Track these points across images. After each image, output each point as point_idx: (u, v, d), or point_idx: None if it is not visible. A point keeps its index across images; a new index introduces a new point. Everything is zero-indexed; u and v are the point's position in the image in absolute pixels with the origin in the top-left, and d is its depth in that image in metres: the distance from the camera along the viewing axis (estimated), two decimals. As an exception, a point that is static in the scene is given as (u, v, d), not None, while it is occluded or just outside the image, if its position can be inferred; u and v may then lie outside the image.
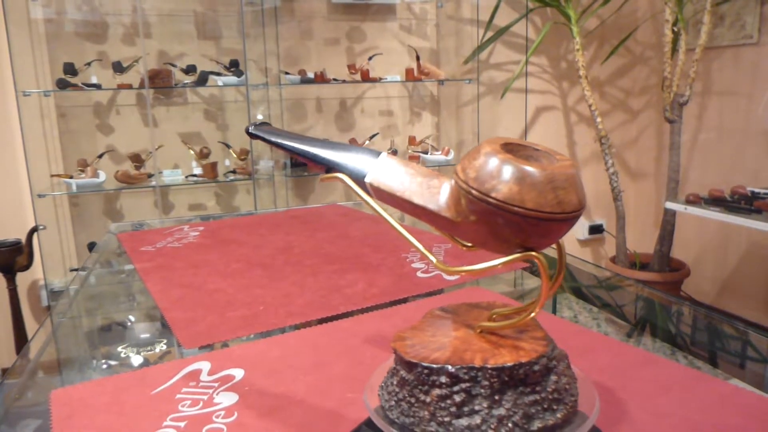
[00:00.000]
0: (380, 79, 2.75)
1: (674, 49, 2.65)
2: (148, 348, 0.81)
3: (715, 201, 2.27)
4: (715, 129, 2.81)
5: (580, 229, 3.27)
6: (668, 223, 2.77)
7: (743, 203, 2.18)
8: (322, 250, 1.16)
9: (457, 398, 0.40)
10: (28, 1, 2.29)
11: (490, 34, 2.81)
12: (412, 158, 2.90)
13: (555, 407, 0.40)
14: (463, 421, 0.39)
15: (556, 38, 3.02)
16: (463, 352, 0.42)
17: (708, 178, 2.85)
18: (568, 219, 0.38)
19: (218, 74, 2.51)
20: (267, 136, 0.53)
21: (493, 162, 0.39)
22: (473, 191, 0.39)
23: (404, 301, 0.90)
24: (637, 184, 3.30)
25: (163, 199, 2.62)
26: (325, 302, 0.89)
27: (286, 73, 2.63)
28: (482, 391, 0.40)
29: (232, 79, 2.51)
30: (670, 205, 2.48)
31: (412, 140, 2.89)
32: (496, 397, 0.40)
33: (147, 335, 0.88)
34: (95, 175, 2.36)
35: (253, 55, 2.57)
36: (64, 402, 0.65)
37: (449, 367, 0.40)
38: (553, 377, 0.40)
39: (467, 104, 2.95)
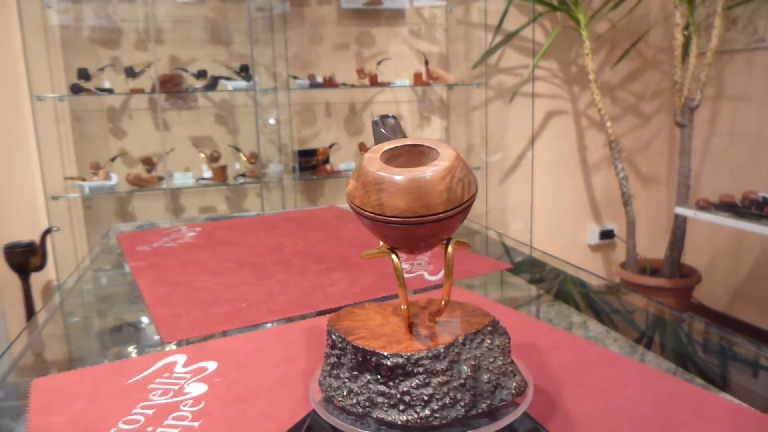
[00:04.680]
0: (389, 83, 2.78)
1: (685, 53, 2.63)
2: (130, 343, 0.84)
3: (726, 206, 2.25)
4: (727, 134, 2.78)
5: (591, 234, 3.25)
6: (679, 229, 2.74)
7: (754, 209, 2.15)
8: (311, 250, 1.18)
9: (332, 360, 0.45)
10: (44, 8, 2.36)
11: (499, 38, 2.81)
12: (420, 162, 2.91)
13: (402, 408, 0.40)
14: (328, 380, 0.45)
15: (566, 42, 3.02)
16: (361, 329, 0.45)
17: (720, 184, 2.82)
18: (391, 223, 0.39)
19: (228, 79, 2.56)
20: (376, 129, 0.53)
21: (361, 159, 0.42)
22: None
23: (385, 300, 0.91)
24: (649, 189, 3.27)
25: (173, 201, 2.67)
26: (306, 300, 0.91)
27: (295, 77, 2.66)
28: (347, 362, 0.43)
29: (242, 83, 2.56)
30: (679, 210, 2.46)
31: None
32: (354, 373, 0.43)
33: (129, 330, 0.91)
34: (107, 177, 2.41)
35: (263, 60, 2.62)
36: (43, 390, 0.68)
37: (333, 333, 0.45)
38: (412, 381, 0.40)
39: (476, 108, 2.96)
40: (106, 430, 0.58)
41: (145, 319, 0.90)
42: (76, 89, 2.34)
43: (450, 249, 0.41)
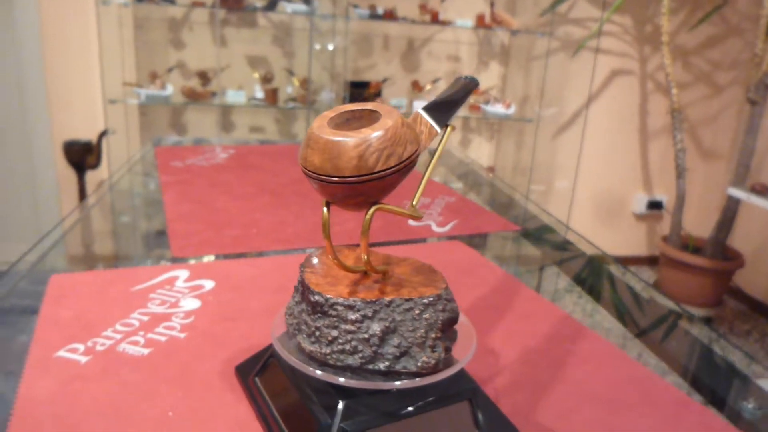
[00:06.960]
0: (450, 22, 2.70)
1: (772, 24, 2.44)
2: (143, 252, 0.90)
3: (783, 193, 2.15)
4: (802, 116, 2.60)
5: (638, 202, 3.17)
6: (730, 210, 2.64)
7: (811, 199, 2.05)
8: (333, 186, 1.22)
9: (295, 284, 0.50)
10: None
11: (572, -14, 2.68)
12: (472, 108, 2.87)
13: (312, 340, 0.45)
14: (290, 300, 0.50)
15: (645, -2, 2.84)
16: (323, 266, 0.50)
17: (784, 168, 2.67)
18: (309, 176, 0.42)
19: (289, 1, 2.55)
20: (452, 84, 0.54)
21: None
22: None
23: (387, 244, 0.94)
24: (707, 165, 3.13)
25: (224, 118, 2.74)
26: (311, 235, 0.95)
27: (356, 6, 2.63)
28: (298, 288, 0.49)
29: (301, 7, 2.54)
30: (732, 191, 2.36)
31: (475, 89, 2.85)
32: (298, 299, 0.48)
33: (146, 240, 0.97)
34: (163, 87, 2.49)
35: (325, -16, 2.58)
36: (59, 286, 0.75)
37: (301, 265, 0.50)
38: (324, 320, 0.44)
39: (537, 58, 2.86)
40: (104, 329, 0.65)
41: (161, 233, 0.96)
42: (140, -4, 2.38)
43: (368, 214, 0.43)
